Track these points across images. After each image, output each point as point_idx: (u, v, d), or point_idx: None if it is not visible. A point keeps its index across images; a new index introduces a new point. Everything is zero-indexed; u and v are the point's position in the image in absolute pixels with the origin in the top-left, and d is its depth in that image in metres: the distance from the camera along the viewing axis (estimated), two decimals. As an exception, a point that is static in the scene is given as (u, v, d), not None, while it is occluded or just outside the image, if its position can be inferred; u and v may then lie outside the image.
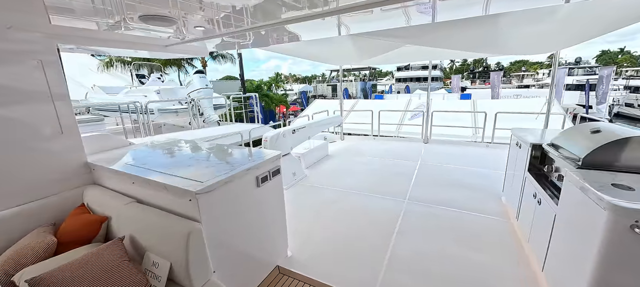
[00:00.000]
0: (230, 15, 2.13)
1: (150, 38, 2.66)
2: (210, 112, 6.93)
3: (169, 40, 2.69)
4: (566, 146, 2.05)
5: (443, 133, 7.77)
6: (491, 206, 3.20)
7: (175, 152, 2.37)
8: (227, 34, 2.62)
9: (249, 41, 3.45)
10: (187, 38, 2.68)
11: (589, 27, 3.24)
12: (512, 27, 3.15)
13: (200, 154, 2.28)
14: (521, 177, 2.63)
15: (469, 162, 4.84)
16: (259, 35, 3.09)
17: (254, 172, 1.93)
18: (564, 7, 2.77)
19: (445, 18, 2.49)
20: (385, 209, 3.26)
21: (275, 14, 2.14)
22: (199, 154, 2.28)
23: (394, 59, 5.87)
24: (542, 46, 4.22)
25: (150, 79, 8.75)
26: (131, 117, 5.13)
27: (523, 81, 50.40)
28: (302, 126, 4.73)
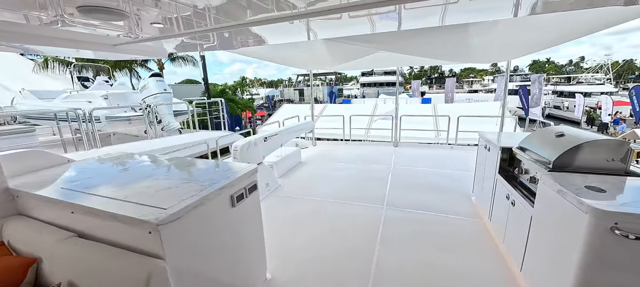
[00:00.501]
0: (192, 15, 1.89)
1: (96, 36, 2.26)
2: (170, 119, 6.27)
3: (119, 38, 2.31)
4: (534, 149, 2.16)
5: (410, 136, 8.09)
6: (464, 207, 3.31)
7: (128, 169, 2.01)
8: (187, 34, 2.33)
9: (214, 43, 3.17)
10: (141, 37, 2.33)
11: (535, 41, 3.60)
12: (472, 37, 3.35)
13: (160, 170, 1.96)
14: (492, 179, 2.75)
15: (437, 164, 5.05)
16: (223, 37, 2.83)
17: (228, 190, 1.69)
18: (516, 23, 3.02)
19: (409, 26, 2.54)
20: (365, 216, 3.19)
21: (240, 15, 1.95)
22: (159, 170, 1.97)
23: (363, 65, 5.95)
24: (496, 56, 4.59)
25: (95, 82, 7.66)
26: (72, 127, 4.40)
27: (472, 86, 55.67)
28: (274, 133, 4.51)
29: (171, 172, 1.93)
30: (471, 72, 75.55)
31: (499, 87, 20.84)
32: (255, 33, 2.71)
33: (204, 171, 1.91)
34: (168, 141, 4.31)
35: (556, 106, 32.50)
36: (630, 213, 1.24)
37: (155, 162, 2.19)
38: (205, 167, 1.99)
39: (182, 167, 2.03)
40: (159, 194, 1.50)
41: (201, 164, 2.11)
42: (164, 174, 1.88)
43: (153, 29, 2.16)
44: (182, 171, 1.94)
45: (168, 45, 3.17)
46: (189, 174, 1.87)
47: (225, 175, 1.77)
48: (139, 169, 2.02)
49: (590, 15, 2.53)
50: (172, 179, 1.77)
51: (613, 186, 1.54)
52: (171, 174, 1.88)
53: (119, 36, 2.30)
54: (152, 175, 1.85)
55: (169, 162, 2.17)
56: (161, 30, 2.20)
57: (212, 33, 2.54)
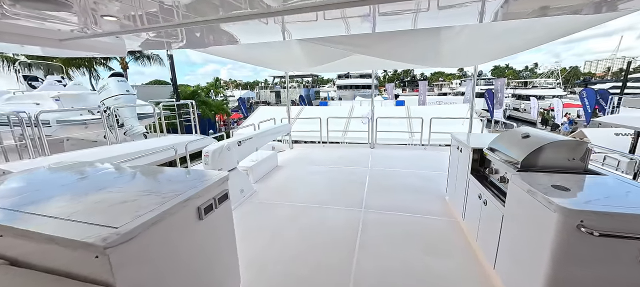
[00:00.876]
0: (158, 11, 1.72)
1: (44, 30, 1.98)
2: (134, 122, 5.75)
3: (70, 33, 2.05)
4: (503, 149, 2.25)
5: (386, 137, 8.25)
6: (438, 207, 3.40)
7: (78, 181, 1.77)
8: (151, 29, 2.13)
9: (182, 41, 2.96)
10: (96, 32, 2.09)
11: (499, 49, 3.83)
12: (442, 43, 3.47)
13: (116, 181, 1.75)
14: (464, 179, 2.84)
15: (412, 165, 5.17)
16: (193, 35, 2.65)
17: (194, 202, 1.54)
18: (482, 33, 3.19)
19: (383, 29, 2.57)
20: (344, 221, 3.14)
21: (210, 12, 1.82)
22: (115, 181, 1.75)
23: (339, 67, 5.95)
24: (464, 61, 4.82)
25: (45, 82, 6.83)
26: (15, 133, 3.86)
27: (442, 89, 58.75)
28: (248, 137, 4.32)
29: (129, 183, 1.73)
30: (440, 76, 79.82)
31: (467, 90, 22.18)
32: (227, 32, 2.57)
33: (168, 180, 1.74)
34: (130, 147, 3.95)
35: (515, 108, 35.30)
36: (594, 211, 1.30)
37: (112, 172, 1.96)
38: (170, 176, 1.81)
39: (143, 176, 1.83)
40: (111, 210, 1.31)
41: (166, 172, 1.93)
42: (120, 185, 1.67)
43: (110, 24, 1.94)
44: (142, 181, 1.75)
45: (131, 42, 2.90)
46: (150, 184, 1.68)
47: (192, 184, 1.62)
48: (91, 180, 1.78)
49: (547, 26, 2.73)
50: (130, 191, 1.57)
51: (576, 185, 1.63)
52: (129, 185, 1.68)
53: (73, 31, 2.03)
54: (105, 187, 1.63)
55: (128, 172, 1.95)
56: (121, 26, 1.98)
57: (181, 29, 2.35)
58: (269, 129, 5.32)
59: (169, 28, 2.10)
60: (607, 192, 1.52)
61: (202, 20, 1.93)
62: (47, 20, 1.85)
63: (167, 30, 2.18)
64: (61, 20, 1.85)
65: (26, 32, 2.00)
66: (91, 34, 2.02)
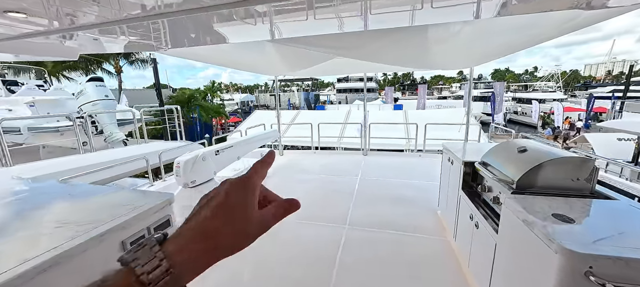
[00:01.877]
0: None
1: None
2: (113, 129, 5.48)
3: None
4: (497, 165, 1.97)
5: (381, 143, 7.98)
6: (429, 223, 3.11)
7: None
8: (104, 25, 1.85)
9: (160, 43, 2.65)
10: (30, 30, 1.82)
11: (497, 48, 3.57)
12: (436, 44, 3.21)
13: (40, 205, 1.48)
14: (455, 195, 2.56)
15: (405, 174, 4.89)
16: (173, 34, 2.35)
17: (117, 235, 1.26)
18: (477, 31, 2.92)
19: (377, 26, 2.30)
20: (324, 239, 2.86)
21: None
22: (39, 205, 1.48)
23: (330, 70, 5.70)
24: (460, 62, 4.56)
25: (23, 87, 6.56)
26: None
27: (441, 93, 58.57)
28: (228, 146, 4.06)
29: (52, 208, 1.46)
30: (440, 80, 79.72)
31: (465, 94, 21.97)
32: (212, 27, 2.26)
33: (96, 205, 1.47)
34: (102, 156, 3.69)
35: (516, 112, 35.05)
36: (606, 256, 1.02)
37: (44, 193, 1.69)
38: (101, 200, 1.54)
39: (72, 199, 1.56)
40: (4, 247, 1.04)
41: (104, 193, 1.65)
42: (40, 211, 1.40)
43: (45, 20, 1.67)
44: (66, 206, 1.48)
45: (111, 45, 2.61)
46: (70, 210, 1.41)
47: (119, 212, 1.34)
48: (13, 203, 1.52)
49: (545, 24, 2.47)
50: (45, 220, 1.30)
51: (581, 213, 1.35)
52: (49, 211, 1.41)
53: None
54: (22, 212, 1.37)
55: (61, 192, 1.68)
56: (59, 21, 1.71)
57: (163, 21, 2.07)
58: (254, 136, 5.05)
59: (147, 20, 1.81)
60: (620, 225, 1.25)
61: (181, 10, 1.66)
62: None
63: (145, 23, 1.90)
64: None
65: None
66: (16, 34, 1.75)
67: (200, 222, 0.36)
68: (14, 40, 1.83)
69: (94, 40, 2.25)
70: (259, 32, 2.33)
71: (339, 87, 50.85)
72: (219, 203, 0.37)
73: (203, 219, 0.36)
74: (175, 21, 1.85)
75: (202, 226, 0.35)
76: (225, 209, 0.37)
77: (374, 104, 23.27)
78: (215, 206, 0.37)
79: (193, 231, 0.35)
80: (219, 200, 0.37)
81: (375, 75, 52.26)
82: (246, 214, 0.38)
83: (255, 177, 0.42)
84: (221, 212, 0.36)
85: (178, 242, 0.34)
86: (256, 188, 0.41)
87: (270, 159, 0.47)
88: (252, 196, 0.40)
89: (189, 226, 0.36)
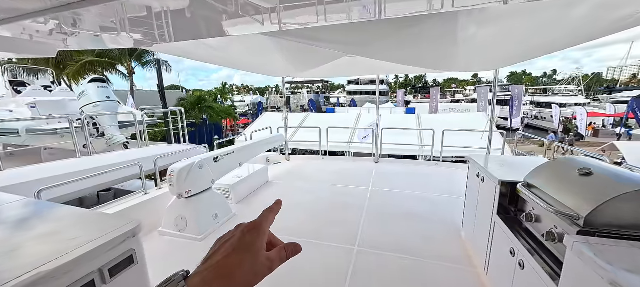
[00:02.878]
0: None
1: None
2: (114, 131, 5.32)
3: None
4: (548, 190, 1.56)
5: (392, 148, 7.54)
6: (452, 248, 2.69)
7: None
8: (67, 6, 1.56)
9: (167, 35, 2.35)
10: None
11: (525, 49, 3.11)
12: (459, 40, 2.81)
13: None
14: (488, 219, 2.14)
15: (420, 185, 4.45)
16: (167, 30, 2.05)
17: (49, 284, 0.95)
18: (502, 31, 2.50)
19: (392, 14, 1.91)
20: (330, 264, 2.49)
21: None
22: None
23: (340, 72, 5.35)
24: (484, 64, 4.10)
25: (28, 88, 6.53)
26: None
27: (455, 96, 57.08)
28: (228, 152, 3.76)
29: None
30: (453, 82, 77.94)
31: (479, 97, 21.06)
32: (215, 20, 1.94)
33: (34, 237, 1.16)
34: (96, 160, 3.47)
35: (535, 116, 33.57)
36: None
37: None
38: (46, 228, 1.23)
39: (16, 229, 1.26)
40: None
41: (50, 217, 1.35)
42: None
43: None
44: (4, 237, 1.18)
45: (114, 38, 2.34)
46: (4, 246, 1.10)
47: (61, 248, 1.03)
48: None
49: (576, 28, 2.03)
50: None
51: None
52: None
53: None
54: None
55: (17, 217, 1.39)
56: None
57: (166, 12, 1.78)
58: (258, 141, 4.75)
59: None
60: None
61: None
62: None
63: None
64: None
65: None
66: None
67: (218, 260, 0.41)
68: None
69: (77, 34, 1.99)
70: (264, 23, 1.99)
71: (350, 89, 50.39)
72: (234, 245, 0.42)
73: (221, 257, 0.41)
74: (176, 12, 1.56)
75: (220, 264, 0.40)
76: (240, 250, 0.42)
77: (385, 108, 22.72)
78: (231, 247, 0.42)
79: (212, 269, 0.40)
80: (234, 242, 0.43)
81: (386, 78, 51.54)
82: (257, 255, 0.43)
83: (265, 223, 0.47)
84: (236, 253, 0.42)
85: (200, 278, 0.39)
86: (266, 233, 0.47)
87: (278, 207, 0.54)
88: (262, 239, 0.45)
89: (208, 265, 0.41)
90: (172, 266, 1.65)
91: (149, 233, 3.13)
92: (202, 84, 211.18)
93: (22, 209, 1.47)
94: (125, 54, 15.45)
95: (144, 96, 18.08)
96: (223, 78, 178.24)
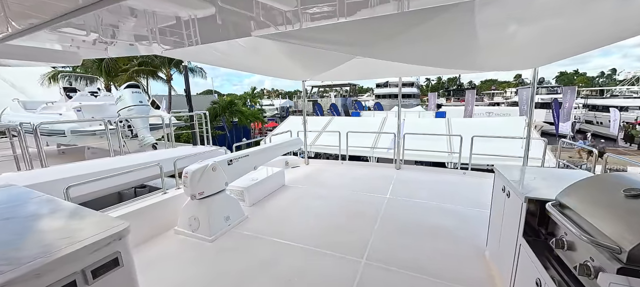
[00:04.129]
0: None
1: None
2: (145, 133, 5.78)
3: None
4: (585, 212, 1.29)
5: (418, 154, 7.14)
6: (473, 269, 2.40)
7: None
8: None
9: (195, 37, 2.44)
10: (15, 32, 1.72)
11: (568, 44, 2.70)
12: (489, 43, 2.52)
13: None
14: (512, 240, 1.87)
15: (444, 196, 4.11)
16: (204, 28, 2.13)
17: (30, 285, 0.97)
18: (545, 21, 2.18)
19: (417, 5, 1.75)
20: (332, 277, 2.36)
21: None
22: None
23: (365, 74, 5.19)
24: (520, 62, 3.68)
25: (78, 93, 7.40)
26: (24, 141, 3.93)
27: (493, 99, 53.04)
28: (243, 155, 3.81)
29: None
30: (492, 84, 72.60)
31: (520, 100, 19.24)
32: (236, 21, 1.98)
33: (35, 235, 1.21)
34: (124, 160, 3.74)
35: (588, 121, 29.91)
36: None
37: (17, 210, 1.53)
38: (38, 225, 1.29)
39: (23, 223, 1.34)
40: None
41: (48, 217, 1.42)
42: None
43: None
44: (11, 231, 1.25)
45: (147, 48, 2.53)
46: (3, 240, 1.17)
47: (43, 250, 1.06)
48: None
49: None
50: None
51: None
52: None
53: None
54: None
55: (25, 214, 1.49)
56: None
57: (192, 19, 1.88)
58: (276, 144, 4.77)
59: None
60: None
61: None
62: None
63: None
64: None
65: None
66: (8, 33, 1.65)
67: None
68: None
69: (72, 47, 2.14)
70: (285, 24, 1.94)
71: (378, 92, 49.32)
72: None
73: None
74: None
75: None
76: None
77: (413, 111, 21.83)
78: None
79: None
80: None
81: (416, 80, 49.57)
82: None
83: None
84: None
85: None
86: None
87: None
88: None
89: None
90: (182, 265, 1.66)
91: (165, 231, 3.27)
92: (235, 88, 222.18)
93: (33, 206, 1.57)
94: (165, 62, 16.75)
95: (180, 100, 19.41)
96: (255, 83, 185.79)
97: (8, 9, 1.48)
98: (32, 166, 3.69)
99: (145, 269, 2.51)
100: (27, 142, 3.74)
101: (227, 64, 4.13)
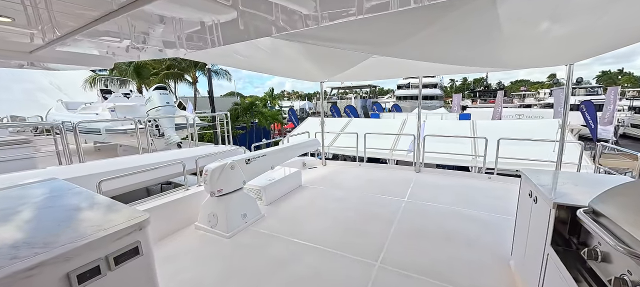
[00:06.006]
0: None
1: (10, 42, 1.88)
2: (171, 132, 6.13)
3: (32, 43, 1.90)
4: (623, 222, 1.17)
5: (440, 158, 6.89)
6: (497, 279, 2.26)
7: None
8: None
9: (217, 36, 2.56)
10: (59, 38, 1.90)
11: (605, 37, 2.47)
12: (516, 36, 2.37)
13: (20, 216, 1.42)
14: (540, 250, 1.74)
15: (466, 201, 3.93)
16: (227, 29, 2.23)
17: (61, 267, 1.06)
18: (580, 14, 2.01)
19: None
20: (347, 279, 2.33)
21: None
22: (21, 216, 1.43)
23: (385, 73, 5.12)
24: (552, 58, 3.44)
25: (112, 95, 8.04)
26: (65, 138, 4.31)
27: (524, 100, 49.85)
28: (261, 154, 3.89)
29: (20, 220, 1.37)
30: (523, 85, 68.39)
31: (555, 101, 17.83)
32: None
33: (59, 222, 1.32)
34: (150, 157, 3.97)
35: (634, 124, 27.18)
36: None
37: (46, 200, 1.68)
38: (67, 215, 1.40)
39: (45, 212, 1.46)
40: None
41: (81, 207, 1.53)
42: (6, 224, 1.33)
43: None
44: (32, 219, 1.37)
45: (171, 50, 2.69)
46: (28, 228, 1.28)
47: (66, 236, 1.15)
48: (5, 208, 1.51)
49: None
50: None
51: None
52: (13, 225, 1.32)
53: (33, 40, 1.88)
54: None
55: (51, 203, 1.62)
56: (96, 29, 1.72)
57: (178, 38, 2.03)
58: (293, 145, 4.83)
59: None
60: None
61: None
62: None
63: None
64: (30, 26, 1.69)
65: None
66: (47, 41, 1.83)
67: None
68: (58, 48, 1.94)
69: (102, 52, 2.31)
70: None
71: (399, 94, 48.29)
72: None
73: None
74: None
75: None
76: None
77: (436, 113, 21.09)
78: None
79: None
80: None
81: (440, 82, 47.92)
82: None
83: None
84: None
85: None
86: None
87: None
88: None
89: None
90: (201, 259, 1.74)
91: (186, 226, 3.41)
92: (257, 90, 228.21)
93: (70, 197, 1.70)
94: (191, 65, 17.62)
95: (205, 101, 20.32)
96: (275, 84, 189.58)
97: (54, 19, 1.64)
98: (72, 160, 4.03)
99: (164, 262, 2.63)
100: (67, 139, 4.10)
101: (248, 67, 4.25)
